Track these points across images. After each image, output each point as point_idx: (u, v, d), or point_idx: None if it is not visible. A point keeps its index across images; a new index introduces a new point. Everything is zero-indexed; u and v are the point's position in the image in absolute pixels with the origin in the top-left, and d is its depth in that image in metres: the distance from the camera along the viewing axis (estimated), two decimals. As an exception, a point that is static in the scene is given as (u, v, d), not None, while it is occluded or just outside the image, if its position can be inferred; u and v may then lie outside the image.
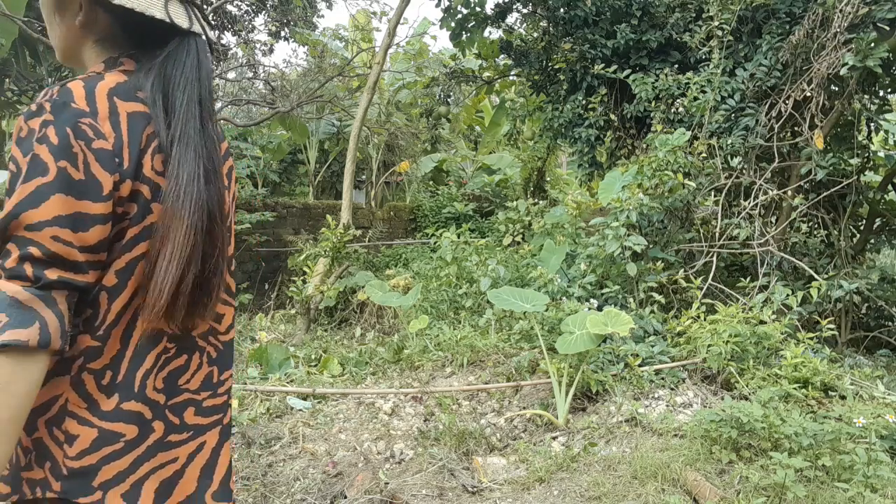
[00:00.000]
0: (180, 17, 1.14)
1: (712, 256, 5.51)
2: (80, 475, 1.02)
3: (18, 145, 0.99)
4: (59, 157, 0.97)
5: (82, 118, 1.00)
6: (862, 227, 6.58)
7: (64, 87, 1.02)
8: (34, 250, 0.94)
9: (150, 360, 1.08)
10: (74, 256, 0.97)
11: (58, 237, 0.95)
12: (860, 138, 6.07)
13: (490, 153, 14.45)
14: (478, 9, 8.88)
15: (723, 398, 3.84)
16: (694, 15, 6.67)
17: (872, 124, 6.22)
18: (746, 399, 3.68)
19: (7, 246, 0.95)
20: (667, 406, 3.73)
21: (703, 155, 5.72)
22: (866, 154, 6.30)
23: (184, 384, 1.14)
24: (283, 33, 12.51)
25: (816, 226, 6.43)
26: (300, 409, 4.05)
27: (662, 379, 4.00)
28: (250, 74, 12.10)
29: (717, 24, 5.83)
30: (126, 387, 1.05)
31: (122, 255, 1.04)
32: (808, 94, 5.35)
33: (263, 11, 12.16)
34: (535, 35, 8.52)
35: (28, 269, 0.94)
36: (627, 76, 6.48)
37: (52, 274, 0.95)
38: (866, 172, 6.52)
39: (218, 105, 10.73)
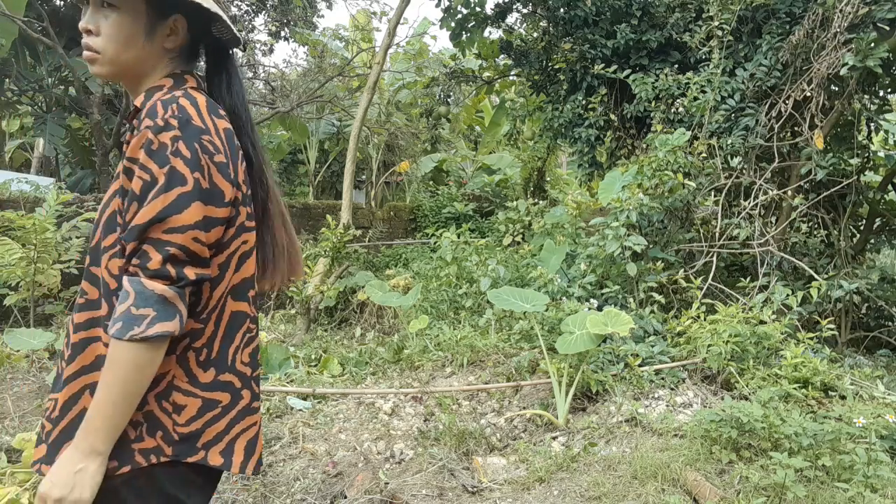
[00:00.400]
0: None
1: (712, 256, 5.50)
2: (188, 439, 1.19)
3: (151, 157, 1.12)
4: (194, 170, 1.13)
5: (203, 135, 1.17)
6: (862, 227, 6.58)
7: (179, 105, 1.17)
8: (176, 251, 1.11)
9: (238, 338, 1.26)
10: (205, 254, 1.15)
11: (198, 238, 1.13)
12: (860, 138, 6.07)
13: (490, 153, 14.46)
14: (478, 9, 8.88)
15: (723, 398, 3.84)
16: (694, 15, 6.67)
17: (872, 124, 6.21)
18: (746, 399, 3.68)
19: (143, 247, 1.11)
20: (667, 406, 3.73)
21: (703, 155, 5.71)
22: (866, 154, 6.30)
23: (259, 359, 1.35)
24: (283, 33, 12.52)
25: (816, 226, 6.43)
26: (300, 409, 4.05)
27: (662, 379, 4.00)
28: (250, 74, 12.11)
29: (717, 24, 5.83)
30: (221, 361, 1.23)
31: (223, 251, 1.22)
32: (808, 94, 5.35)
33: (263, 11, 12.17)
34: (535, 35, 8.52)
35: (171, 269, 1.10)
36: (627, 76, 6.48)
37: (190, 273, 1.13)
38: (866, 172, 6.52)
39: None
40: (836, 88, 5.61)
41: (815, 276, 5.19)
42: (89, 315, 1.18)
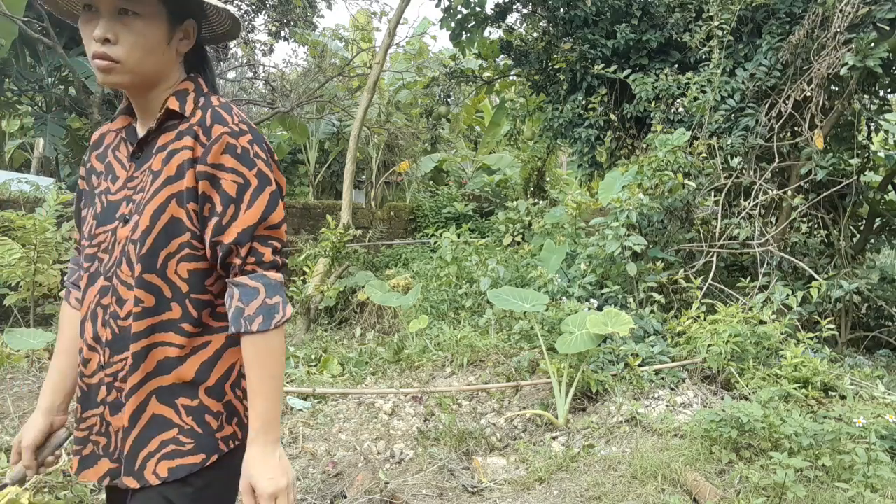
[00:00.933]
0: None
1: (712, 256, 5.50)
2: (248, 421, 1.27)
3: (240, 160, 1.19)
4: (270, 169, 1.23)
5: (264, 136, 1.26)
6: (862, 227, 6.58)
7: (235, 111, 1.24)
8: (277, 244, 1.23)
9: None
10: (285, 242, 1.27)
11: (286, 230, 1.26)
12: (860, 138, 6.07)
13: (490, 153, 14.45)
14: (478, 9, 8.88)
15: (723, 398, 3.84)
16: (694, 15, 6.67)
17: (872, 124, 6.21)
18: (746, 399, 3.68)
19: (253, 245, 1.20)
20: (667, 406, 3.73)
21: (703, 155, 5.71)
22: (866, 154, 6.30)
23: None
24: (283, 33, 12.51)
25: (816, 226, 6.43)
26: (300, 409, 4.04)
27: (662, 379, 4.00)
28: (250, 74, 12.11)
29: (717, 24, 5.83)
30: None
31: None
32: (808, 94, 5.35)
33: (263, 11, 12.16)
34: (535, 35, 8.52)
35: (279, 259, 1.23)
36: (627, 76, 6.48)
37: (284, 260, 1.26)
38: (866, 172, 6.52)
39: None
40: (836, 88, 5.61)
41: (815, 276, 5.19)
42: (149, 322, 1.19)
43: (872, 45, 4.83)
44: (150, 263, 1.19)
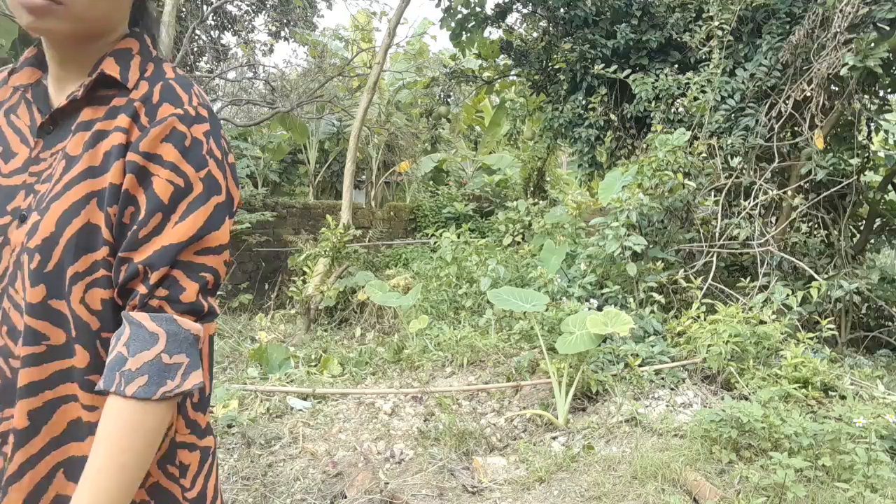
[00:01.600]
0: None
1: (712, 256, 5.51)
2: (197, 502, 0.94)
3: (186, 156, 0.84)
4: (224, 174, 0.89)
5: (222, 129, 0.92)
6: (862, 227, 6.58)
7: (195, 89, 0.90)
8: (210, 277, 0.86)
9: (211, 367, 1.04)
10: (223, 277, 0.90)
11: (226, 261, 0.89)
12: (860, 138, 6.07)
13: (490, 153, 14.45)
14: (478, 9, 8.88)
15: (723, 398, 3.84)
16: (694, 15, 6.68)
17: (872, 124, 6.21)
18: (746, 399, 3.68)
19: (172, 272, 0.83)
20: (667, 406, 3.73)
21: (703, 155, 5.72)
22: (866, 154, 6.30)
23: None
24: (283, 33, 12.51)
25: (816, 226, 6.43)
26: (300, 409, 4.05)
27: (662, 379, 4.00)
28: (250, 74, 12.10)
29: (717, 24, 5.84)
30: (206, 401, 0.98)
31: None
32: (808, 94, 5.35)
33: (263, 11, 12.16)
34: (535, 35, 8.52)
35: (204, 302, 0.86)
36: (627, 76, 6.49)
37: (214, 303, 0.89)
38: (866, 172, 6.52)
39: (218, 105, 10.75)
40: (836, 88, 5.61)
41: (815, 276, 5.19)
42: (56, 367, 0.84)
43: (872, 45, 4.84)
44: (57, 285, 0.83)
